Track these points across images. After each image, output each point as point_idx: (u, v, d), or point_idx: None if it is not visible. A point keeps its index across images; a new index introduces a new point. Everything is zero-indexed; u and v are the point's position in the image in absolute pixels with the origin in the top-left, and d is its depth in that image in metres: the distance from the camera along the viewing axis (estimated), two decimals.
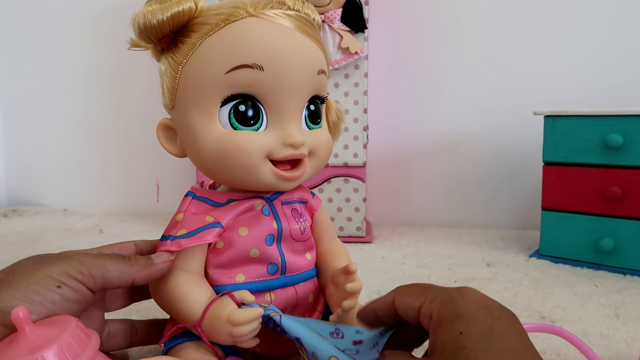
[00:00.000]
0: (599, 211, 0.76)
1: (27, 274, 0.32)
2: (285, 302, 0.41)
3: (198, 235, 0.38)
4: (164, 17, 0.36)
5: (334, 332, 0.38)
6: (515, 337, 0.27)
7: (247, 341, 0.36)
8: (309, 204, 0.45)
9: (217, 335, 0.36)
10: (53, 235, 1.00)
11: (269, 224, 0.40)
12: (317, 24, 0.42)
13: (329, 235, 0.46)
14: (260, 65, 0.36)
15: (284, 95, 0.38)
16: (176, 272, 0.39)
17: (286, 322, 0.35)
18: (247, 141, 0.37)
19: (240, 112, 0.37)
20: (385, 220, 1.14)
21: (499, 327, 0.27)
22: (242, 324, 0.35)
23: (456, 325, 0.27)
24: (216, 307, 0.36)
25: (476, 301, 0.29)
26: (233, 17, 0.37)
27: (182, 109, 0.39)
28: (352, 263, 0.41)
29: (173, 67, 0.39)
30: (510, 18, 1.05)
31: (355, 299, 0.40)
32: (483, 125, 1.08)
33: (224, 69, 0.36)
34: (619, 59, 1.00)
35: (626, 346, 0.49)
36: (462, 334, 0.26)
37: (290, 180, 0.39)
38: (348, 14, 0.89)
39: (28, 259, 0.35)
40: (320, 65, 0.40)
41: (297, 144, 0.38)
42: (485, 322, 0.27)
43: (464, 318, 0.27)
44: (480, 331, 0.26)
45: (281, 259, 0.41)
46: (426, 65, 1.10)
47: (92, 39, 1.27)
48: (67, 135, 1.33)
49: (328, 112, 0.46)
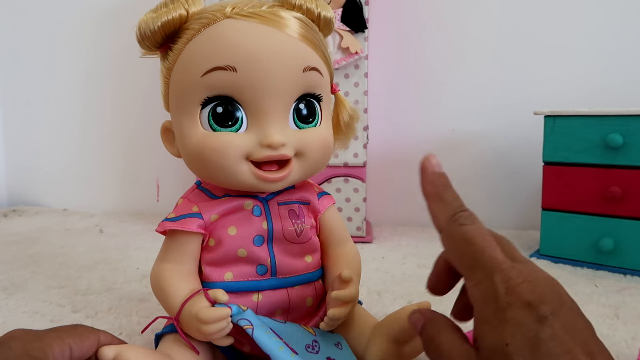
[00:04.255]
0: (599, 211, 0.76)
1: None
2: (275, 304, 0.41)
3: (180, 222, 0.39)
4: (155, 27, 0.37)
5: (310, 345, 0.38)
6: (566, 337, 0.25)
7: (218, 340, 0.36)
8: (312, 205, 0.44)
9: (190, 331, 0.37)
10: (53, 235, 1.00)
11: (258, 225, 0.40)
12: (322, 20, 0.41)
13: (337, 237, 0.45)
14: (232, 66, 0.36)
15: (261, 96, 0.37)
16: (167, 264, 0.40)
17: (257, 336, 0.35)
18: (224, 142, 0.37)
19: (218, 113, 0.38)
20: (385, 220, 1.14)
21: (547, 329, 0.25)
22: (208, 323, 0.35)
23: (501, 334, 0.26)
24: (190, 303, 0.37)
25: (521, 299, 0.26)
26: (211, 20, 0.37)
27: (173, 112, 0.40)
28: (347, 270, 0.39)
29: (164, 72, 0.40)
30: (511, 18, 1.05)
31: (344, 308, 0.39)
32: (483, 125, 1.08)
33: (200, 72, 0.37)
34: (619, 59, 1.00)
35: (626, 346, 0.49)
36: (508, 346, 0.25)
37: (271, 182, 0.39)
38: (348, 14, 0.89)
39: None
40: (307, 62, 0.38)
41: (275, 145, 0.37)
42: (531, 327, 0.25)
43: (509, 325, 0.26)
44: (526, 340, 0.25)
45: (271, 260, 0.40)
46: (426, 65, 1.10)
47: (92, 39, 1.27)
48: (67, 135, 1.33)
49: (339, 111, 0.45)
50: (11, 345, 0.31)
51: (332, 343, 0.40)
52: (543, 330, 0.25)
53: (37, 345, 0.31)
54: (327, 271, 0.44)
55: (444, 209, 0.31)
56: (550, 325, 0.25)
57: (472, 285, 0.28)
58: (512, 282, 0.27)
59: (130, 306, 0.59)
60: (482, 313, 0.27)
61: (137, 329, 0.53)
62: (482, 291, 0.28)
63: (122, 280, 0.70)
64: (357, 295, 0.40)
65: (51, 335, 0.33)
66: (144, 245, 0.91)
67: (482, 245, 0.29)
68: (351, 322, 0.43)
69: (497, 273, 0.27)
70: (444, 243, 0.31)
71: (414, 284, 0.69)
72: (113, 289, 0.66)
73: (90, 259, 0.81)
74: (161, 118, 0.43)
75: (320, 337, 0.39)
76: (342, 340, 0.41)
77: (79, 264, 0.78)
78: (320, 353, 0.37)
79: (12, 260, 0.81)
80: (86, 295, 0.63)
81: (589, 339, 0.26)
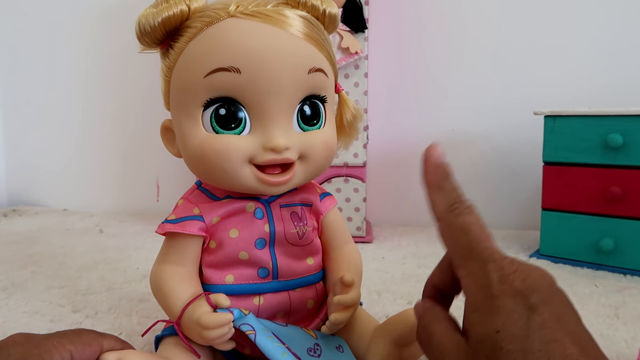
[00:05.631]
0: (599, 211, 0.76)
1: None
2: (276, 307, 0.41)
3: (181, 224, 0.39)
4: (156, 23, 0.36)
5: (312, 349, 0.38)
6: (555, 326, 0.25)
7: (220, 344, 0.36)
8: (314, 207, 0.43)
9: (191, 335, 0.37)
10: (53, 235, 1.00)
11: (259, 228, 0.40)
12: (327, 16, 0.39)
13: (338, 239, 0.44)
14: (236, 67, 0.35)
15: (265, 98, 0.36)
16: (167, 265, 0.40)
17: (260, 341, 0.34)
18: (227, 145, 0.36)
19: (221, 115, 0.37)
20: (385, 220, 1.14)
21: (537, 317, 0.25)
22: (210, 328, 0.34)
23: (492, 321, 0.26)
24: (192, 307, 0.36)
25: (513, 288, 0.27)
26: (214, 19, 0.36)
27: (174, 112, 0.40)
28: (349, 274, 0.39)
29: (165, 71, 0.39)
30: (511, 18, 1.05)
31: (346, 313, 0.38)
32: (483, 125, 1.08)
33: (203, 73, 0.36)
34: (619, 59, 1.00)
35: (626, 346, 0.49)
36: (498, 333, 0.25)
37: (274, 185, 0.38)
38: (348, 14, 0.89)
39: None
40: (313, 63, 0.37)
41: (279, 149, 0.36)
42: (521, 315, 0.26)
43: (500, 313, 0.26)
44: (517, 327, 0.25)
45: (272, 263, 0.40)
46: (426, 65, 1.10)
47: (92, 39, 1.27)
48: (67, 135, 1.33)
49: (342, 111, 0.44)
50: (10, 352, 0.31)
51: (334, 346, 0.39)
52: (533, 318, 0.25)
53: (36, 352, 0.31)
54: (328, 273, 0.44)
55: (442, 198, 0.31)
56: (540, 313, 0.26)
57: (465, 274, 0.29)
58: (505, 271, 0.27)
59: (130, 306, 0.59)
60: (473, 301, 0.28)
61: (137, 329, 0.53)
62: (475, 280, 0.28)
63: (122, 280, 0.70)
64: (359, 299, 0.40)
65: (52, 341, 0.33)
66: (144, 245, 0.91)
67: (478, 236, 0.29)
68: (352, 324, 0.42)
69: (490, 262, 0.28)
70: (440, 232, 0.31)
71: (414, 284, 0.69)
72: (113, 289, 0.66)
73: (90, 259, 0.81)
74: (161, 118, 0.43)
75: (321, 340, 0.39)
76: (343, 342, 0.41)
77: (79, 264, 0.78)
78: (322, 356, 0.37)
79: (12, 260, 0.81)
80: (86, 295, 0.63)
81: (578, 328, 0.26)
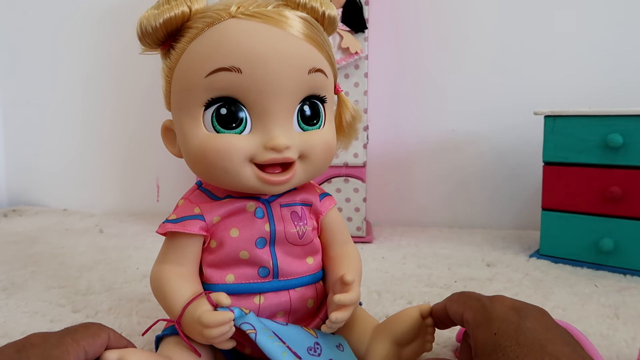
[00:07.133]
0: (599, 211, 0.76)
1: None
2: (277, 306, 0.41)
3: (182, 224, 0.39)
4: (157, 24, 0.36)
5: (312, 348, 0.38)
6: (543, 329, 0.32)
7: (220, 343, 0.36)
8: (314, 207, 0.43)
9: (192, 334, 0.37)
10: (53, 235, 1.00)
11: (260, 227, 0.40)
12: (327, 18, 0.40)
13: (338, 239, 0.45)
14: (237, 67, 0.35)
15: (266, 97, 0.36)
16: (168, 265, 0.40)
17: (261, 341, 0.35)
18: (228, 145, 0.37)
19: (221, 115, 0.37)
20: (385, 220, 1.14)
21: (527, 323, 0.32)
22: (211, 327, 0.35)
23: (490, 327, 0.33)
24: (193, 306, 0.37)
25: (505, 304, 0.35)
26: (215, 19, 0.36)
27: (175, 112, 0.40)
28: (349, 273, 0.39)
29: (166, 71, 0.39)
30: (511, 19, 1.05)
31: (345, 312, 0.38)
32: (483, 125, 1.08)
33: (204, 73, 0.36)
34: (619, 59, 1.00)
35: (626, 346, 0.49)
36: (496, 334, 0.32)
37: (275, 184, 0.38)
38: (348, 14, 0.89)
39: None
40: (313, 64, 0.38)
41: (279, 148, 0.37)
42: (514, 321, 0.33)
43: (496, 320, 0.33)
44: (511, 329, 0.32)
45: (273, 263, 0.40)
46: (426, 65, 1.10)
47: (92, 39, 1.27)
48: (67, 135, 1.33)
49: (342, 112, 0.44)
50: (29, 354, 0.31)
51: (334, 345, 0.40)
52: (524, 323, 0.32)
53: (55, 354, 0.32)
54: (328, 273, 0.44)
55: None
56: (530, 321, 0.33)
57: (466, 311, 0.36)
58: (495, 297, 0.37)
59: (130, 306, 0.59)
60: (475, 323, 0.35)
61: (137, 329, 0.53)
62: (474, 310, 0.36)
63: (122, 280, 0.70)
64: (359, 299, 0.40)
65: (68, 340, 0.33)
66: (144, 245, 0.92)
67: (471, 293, 0.40)
68: (352, 323, 0.43)
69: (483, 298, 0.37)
70: (449, 307, 0.40)
71: (414, 284, 0.69)
72: (113, 289, 0.66)
73: (90, 259, 0.81)
74: (161, 118, 0.43)
75: (321, 339, 0.39)
76: (343, 341, 0.41)
77: (79, 264, 0.78)
78: (322, 355, 0.37)
79: (12, 260, 0.81)
80: (86, 295, 0.64)
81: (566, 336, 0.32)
